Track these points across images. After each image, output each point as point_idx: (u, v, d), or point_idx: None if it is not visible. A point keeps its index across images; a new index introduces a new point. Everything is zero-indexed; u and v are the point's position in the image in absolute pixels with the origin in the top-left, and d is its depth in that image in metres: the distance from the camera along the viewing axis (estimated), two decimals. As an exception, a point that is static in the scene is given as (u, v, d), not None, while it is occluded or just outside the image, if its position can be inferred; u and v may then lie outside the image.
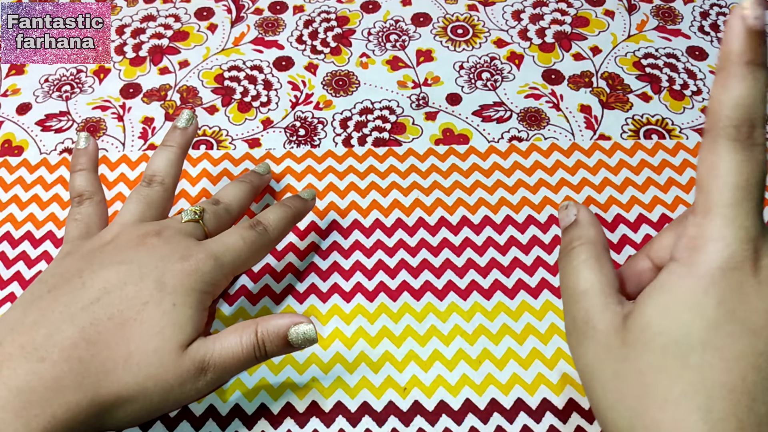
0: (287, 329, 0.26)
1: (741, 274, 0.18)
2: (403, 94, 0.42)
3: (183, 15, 0.47)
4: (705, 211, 0.19)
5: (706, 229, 0.18)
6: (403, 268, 0.34)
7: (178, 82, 0.43)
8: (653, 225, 0.35)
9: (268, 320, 0.26)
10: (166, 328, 0.25)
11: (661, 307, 0.19)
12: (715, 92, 0.19)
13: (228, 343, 0.26)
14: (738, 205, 0.18)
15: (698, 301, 0.18)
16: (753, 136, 0.18)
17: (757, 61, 0.18)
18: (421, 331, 0.32)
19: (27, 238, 0.36)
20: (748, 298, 0.18)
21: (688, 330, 0.18)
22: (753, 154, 0.18)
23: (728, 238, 0.18)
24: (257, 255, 0.29)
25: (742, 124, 0.18)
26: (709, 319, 0.18)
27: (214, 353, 0.26)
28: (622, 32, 0.45)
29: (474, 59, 0.44)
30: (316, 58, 0.44)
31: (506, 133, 0.39)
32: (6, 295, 0.34)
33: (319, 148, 0.39)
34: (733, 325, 0.18)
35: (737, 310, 0.18)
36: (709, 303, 0.18)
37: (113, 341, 0.24)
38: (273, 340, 0.26)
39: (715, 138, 0.19)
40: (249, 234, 0.29)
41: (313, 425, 0.29)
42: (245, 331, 0.26)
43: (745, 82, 0.18)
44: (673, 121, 0.40)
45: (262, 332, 0.26)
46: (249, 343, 0.26)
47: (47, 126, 0.41)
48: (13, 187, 0.38)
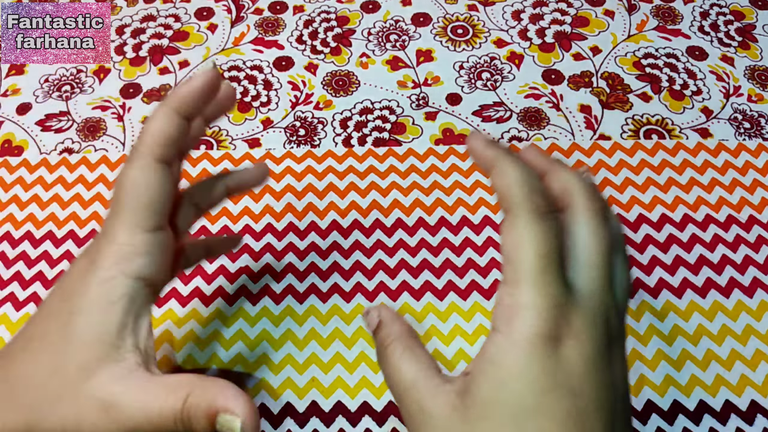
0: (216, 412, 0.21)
1: (554, 340, 0.19)
2: (403, 94, 0.42)
3: (183, 15, 0.47)
4: (515, 281, 0.20)
5: (518, 299, 0.20)
6: (403, 268, 0.34)
7: (178, 82, 0.43)
8: (653, 225, 0.35)
9: (205, 389, 0.21)
10: (63, 343, 0.21)
11: (495, 381, 0.20)
12: (497, 182, 0.21)
13: (148, 397, 0.21)
14: (544, 272, 0.20)
15: (524, 370, 0.19)
16: (546, 205, 0.20)
17: (510, 152, 0.22)
18: (421, 331, 0.32)
19: (27, 238, 0.36)
20: (564, 361, 0.19)
21: (520, 398, 0.19)
22: (550, 223, 0.20)
23: (539, 306, 0.19)
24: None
25: (532, 195, 0.20)
26: (537, 385, 0.19)
27: (125, 402, 0.21)
28: (622, 32, 0.45)
29: (474, 59, 0.44)
30: (316, 58, 0.44)
31: (506, 133, 0.39)
32: (6, 295, 0.34)
33: (319, 148, 0.39)
34: (557, 389, 0.19)
35: (557, 374, 0.19)
36: (533, 370, 0.19)
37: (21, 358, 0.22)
38: (200, 419, 0.21)
39: (516, 214, 0.20)
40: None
41: (313, 425, 0.29)
42: (174, 393, 0.21)
43: (516, 165, 0.21)
44: (673, 121, 0.40)
45: (190, 403, 0.21)
46: (170, 410, 0.21)
47: (47, 126, 0.41)
48: (13, 187, 0.38)
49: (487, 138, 0.23)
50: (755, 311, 0.32)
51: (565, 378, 0.19)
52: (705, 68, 0.43)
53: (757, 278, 0.33)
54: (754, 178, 0.37)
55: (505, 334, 0.20)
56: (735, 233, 0.35)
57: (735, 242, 0.34)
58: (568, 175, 0.23)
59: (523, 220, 0.20)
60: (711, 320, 0.32)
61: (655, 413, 0.29)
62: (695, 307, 0.32)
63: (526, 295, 0.20)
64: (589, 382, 0.19)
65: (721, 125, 0.40)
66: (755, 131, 0.39)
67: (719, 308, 0.32)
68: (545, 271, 0.20)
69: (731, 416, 0.29)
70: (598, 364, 0.20)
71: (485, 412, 0.20)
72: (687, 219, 0.35)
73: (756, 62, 0.43)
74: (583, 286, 0.20)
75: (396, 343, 0.23)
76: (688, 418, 0.29)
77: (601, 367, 0.20)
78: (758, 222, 0.35)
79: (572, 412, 0.19)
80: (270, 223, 0.36)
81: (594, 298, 0.20)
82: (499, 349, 0.20)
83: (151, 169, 0.23)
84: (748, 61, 0.43)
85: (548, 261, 0.20)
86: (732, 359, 0.30)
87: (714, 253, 0.34)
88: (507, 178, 0.21)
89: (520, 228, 0.20)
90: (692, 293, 0.33)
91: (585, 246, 0.21)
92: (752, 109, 0.40)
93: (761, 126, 0.39)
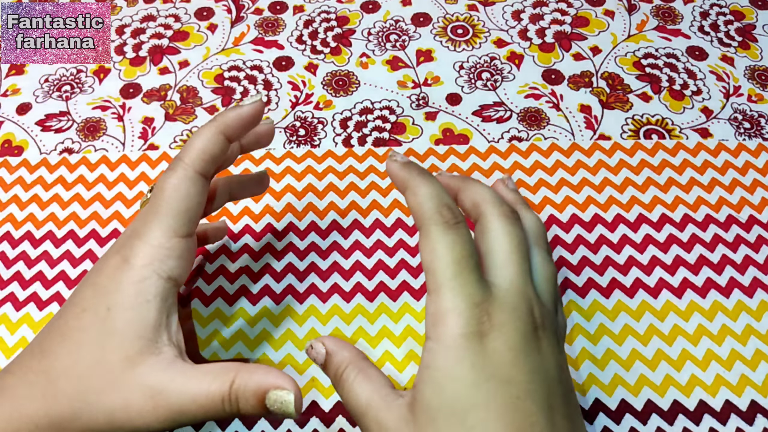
0: (267, 390, 0.22)
1: (479, 336, 0.21)
2: (403, 94, 0.42)
3: (183, 15, 0.47)
4: (436, 288, 0.21)
5: (440, 305, 0.21)
6: (403, 268, 0.34)
7: (178, 82, 0.43)
8: (653, 225, 0.35)
9: (249, 371, 0.23)
10: (103, 336, 0.22)
11: (433, 385, 0.21)
12: (410, 200, 0.23)
13: (194, 382, 0.22)
14: (459, 276, 0.21)
15: (455, 370, 0.20)
16: (454, 217, 0.22)
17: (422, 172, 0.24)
18: (421, 331, 0.32)
19: (27, 238, 0.36)
20: (491, 354, 0.20)
21: (457, 397, 0.20)
22: (459, 231, 0.22)
23: (459, 307, 0.21)
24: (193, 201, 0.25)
25: (440, 209, 0.22)
26: (469, 381, 0.20)
27: (171, 388, 0.22)
28: (622, 32, 0.45)
29: (474, 59, 0.44)
30: (316, 58, 0.44)
31: (506, 133, 0.39)
32: (6, 295, 0.34)
33: (319, 148, 0.39)
34: (489, 381, 0.20)
35: (486, 367, 0.20)
36: (464, 368, 0.20)
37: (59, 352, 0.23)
38: (248, 398, 0.22)
39: (428, 228, 0.22)
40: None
41: (313, 425, 0.29)
42: (219, 377, 0.22)
43: (426, 183, 0.23)
44: (673, 121, 0.40)
45: (238, 385, 0.22)
46: (218, 392, 0.22)
47: (47, 126, 0.41)
48: (13, 187, 0.38)
49: (403, 159, 0.25)
50: (755, 311, 0.32)
51: (494, 369, 0.20)
52: (705, 68, 0.43)
53: (757, 278, 0.33)
54: (754, 178, 0.37)
55: (435, 339, 0.21)
56: (735, 233, 0.35)
57: (735, 242, 0.34)
58: (476, 188, 0.25)
59: (434, 232, 0.22)
60: (711, 320, 0.32)
61: (655, 413, 0.29)
62: (695, 307, 0.32)
63: (447, 300, 0.21)
64: (518, 368, 0.21)
65: (721, 125, 0.40)
66: (755, 131, 0.39)
67: (719, 308, 0.32)
68: (461, 275, 0.21)
69: (731, 416, 0.29)
70: (524, 351, 0.21)
71: (430, 416, 0.21)
72: (687, 219, 0.35)
73: (756, 62, 0.43)
74: (501, 283, 0.22)
75: (349, 368, 0.24)
76: (688, 418, 0.29)
77: (528, 352, 0.21)
78: (758, 222, 0.35)
79: (506, 399, 0.20)
80: (270, 223, 0.36)
81: (511, 290, 0.22)
82: (432, 355, 0.21)
83: (193, 181, 0.24)
84: (748, 61, 0.43)
85: (462, 265, 0.21)
86: (732, 359, 0.30)
87: (714, 253, 0.34)
88: (418, 197, 0.23)
89: (433, 240, 0.22)
90: (692, 293, 0.33)
91: (497, 247, 0.23)
92: (752, 109, 0.40)
93: (761, 126, 0.39)
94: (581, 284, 0.33)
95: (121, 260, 0.24)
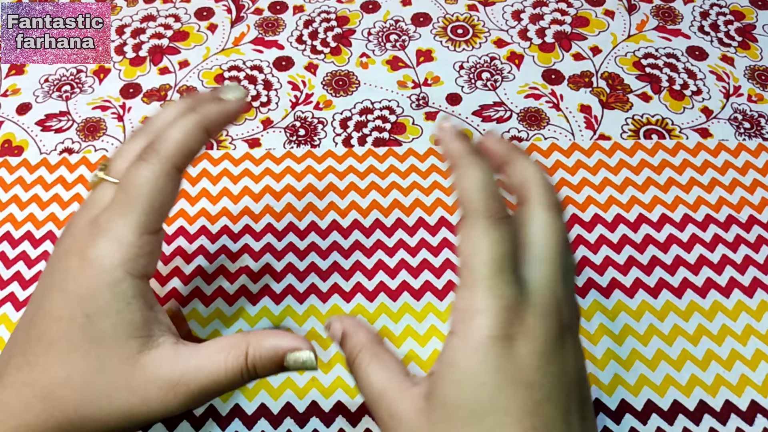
0: (284, 354, 0.23)
1: (507, 339, 0.20)
2: (403, 94, 0.42)
3: (183, 15, 0.47)
4: (470, 285, 0.21)
5: (472, 302, 0.21)
6: (403, 268, 0.34)
7: (178, 82, 0.43)
8: (653, 225, 0.35)
9: (260, 339, 0.23)
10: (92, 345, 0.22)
11: (454, 383, 0.20)
12: (459, 183, 0.22)
13: (209, 362, 0.22)
14: (497, 276, 0.21)
15: (480, 371, 0.20)
16: (500, 210, 0.21)
17: (474, 151, 0.23)
18: (421, 331, 0.32)
19: (27, 238, 0.36)
20: (517, 358, 0.20)
21: (478, 398, 0.20)
22: (503, 228, 0.21)
23: (492, 309, 0.20)
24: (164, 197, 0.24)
25: (489, 201, 0.21)
26: (492, 385, 0.20)
27: (188, 375, 0.22)
28: (622, 32, 0.45)
29: (474, 59, 0.44)
30: (316, 58, 0.44)
31: (506, 133, 0.39)
32: (6, 295, 0.34)
33: (319, 148, 0.39)
34: (512, 385, 0.20)
35: (511, 372, 0.20)
36: (488, 371, 0.20)
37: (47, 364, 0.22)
38: (266, 365, 0.23)
39: (473, 220, 0.21)
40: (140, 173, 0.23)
41: (313, 425, 0.29)
42: (232, 351, 0.23)
43: (477, 167, 0.22)
44: (673, 121, 0.40)
45: (253, 355, 0.23)
46: (236, 365, 0.23)
47: (47, 126, 0.41)
48: (13, 187, 0.38)
49: (454, 129, 0.23)
50: (755, 311, 0.32)
51: (519, 374, 0.20)
52: (705, 68, 0.43)
53: (757, 278, 0.33)
54: (754, 178, 0.37)
55: (462, 336, 0.21)
56: (735, 233, 0.35)
57: (735, 242, 0.34)
58: (527, 166, 0.24)
59: (479, 226, 0.21)
60: (711, 320, 0.32)
61: (655, 413, 0.29)
62: (695, 307, 0.32)
63: (481, 299, 0.20)
64: (542, 373, 0.20)
65: (721, 125, 0.40)
66: (755, 131, 0.39)
67: (719, 308, 0.32)
68: (499, 275, 0.21)
69: (731, 416, 0.29)
70: (549, 356, 0.21)
71: (447, 414, 0.20)
72: (687, 219, 0.35)
73: (756, 62, 0.43)
74: (536, 282, 0.21)
75: (363, 353, 0.24)
76: (688, 418, 0.29)
77: (552, 358, 0.21)
78: (758, 222, 0.35)
79: (528, 404, 0.20)
80: (270, 223, 0.36)
81: (546, 293, 0.21)
82: (456, 352, 0.21)
83: (170, 176, 0.23)
84: (748, 61, 0.43)
85: (502, 265, 0.21)
86: (732, 359, 0.30)
87: (714, 253, 0.34)
88: (467, 182, 0.22)
89: (476, 234, 0.21)
90: (692, 293, 0.33)
91: (539, 240, 0.22)
92: (752, 109, 0.40)
93: (761, 126, 0.39)
94: (581, 284, 0.33)
95: (84, 261, 0.22)
